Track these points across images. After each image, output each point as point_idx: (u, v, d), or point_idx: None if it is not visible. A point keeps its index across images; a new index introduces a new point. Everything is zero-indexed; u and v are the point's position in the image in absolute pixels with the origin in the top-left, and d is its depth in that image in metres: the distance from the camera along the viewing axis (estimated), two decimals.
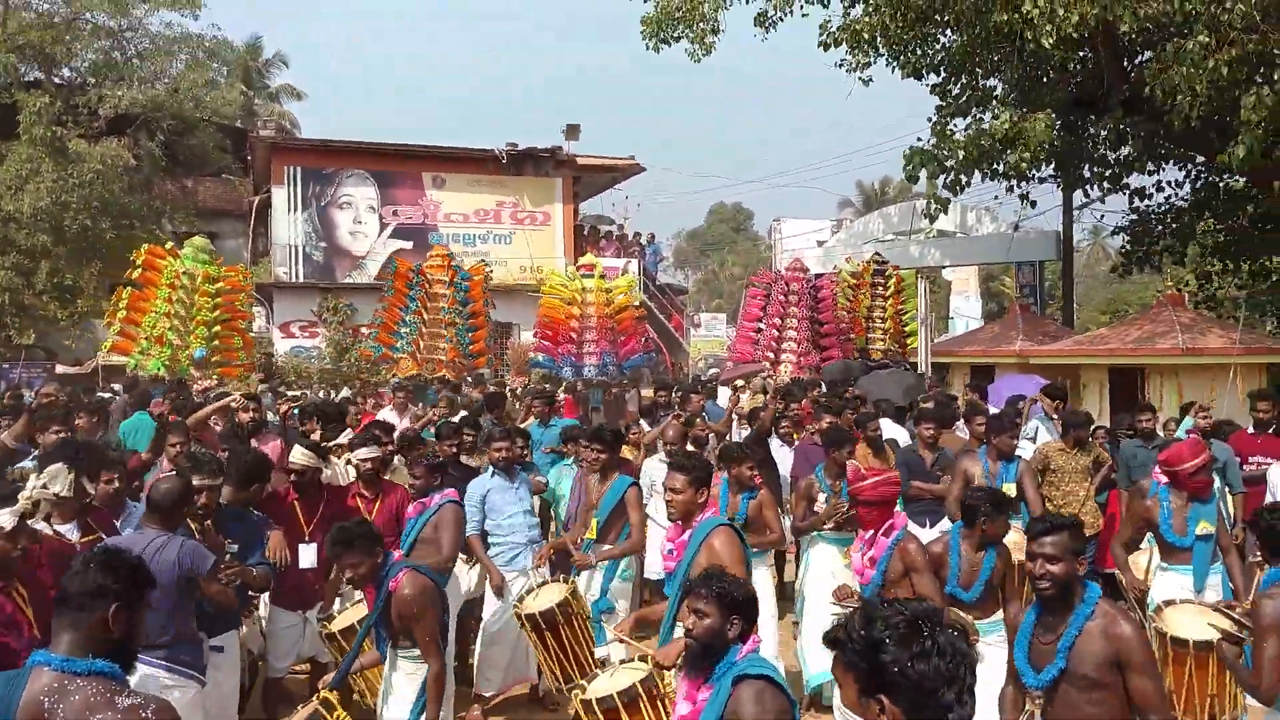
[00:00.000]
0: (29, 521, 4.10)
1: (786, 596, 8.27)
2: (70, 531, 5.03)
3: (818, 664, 6.49)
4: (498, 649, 6.36)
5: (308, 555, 5.73)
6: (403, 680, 4.40)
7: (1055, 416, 9.38)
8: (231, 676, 5.04)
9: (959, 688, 1.84)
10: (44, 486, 4.87)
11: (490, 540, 6.48)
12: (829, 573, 6.53)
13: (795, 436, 9.30)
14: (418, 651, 4.34)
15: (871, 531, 5.11)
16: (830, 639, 2.01)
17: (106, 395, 14.40)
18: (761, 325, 17.00)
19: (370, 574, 4.27)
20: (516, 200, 27.54)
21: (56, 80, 26.70)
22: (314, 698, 4.03)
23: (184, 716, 4.30)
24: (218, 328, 15.17)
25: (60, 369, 24.34)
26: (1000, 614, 4.99)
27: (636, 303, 17.89)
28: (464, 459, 7.32)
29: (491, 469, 6.56)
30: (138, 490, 6.00)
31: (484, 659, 6.39)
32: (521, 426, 8.56)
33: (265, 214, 27.51)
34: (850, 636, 1.95)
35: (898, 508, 5.56)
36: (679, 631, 4.54)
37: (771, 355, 16.56)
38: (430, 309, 16.47)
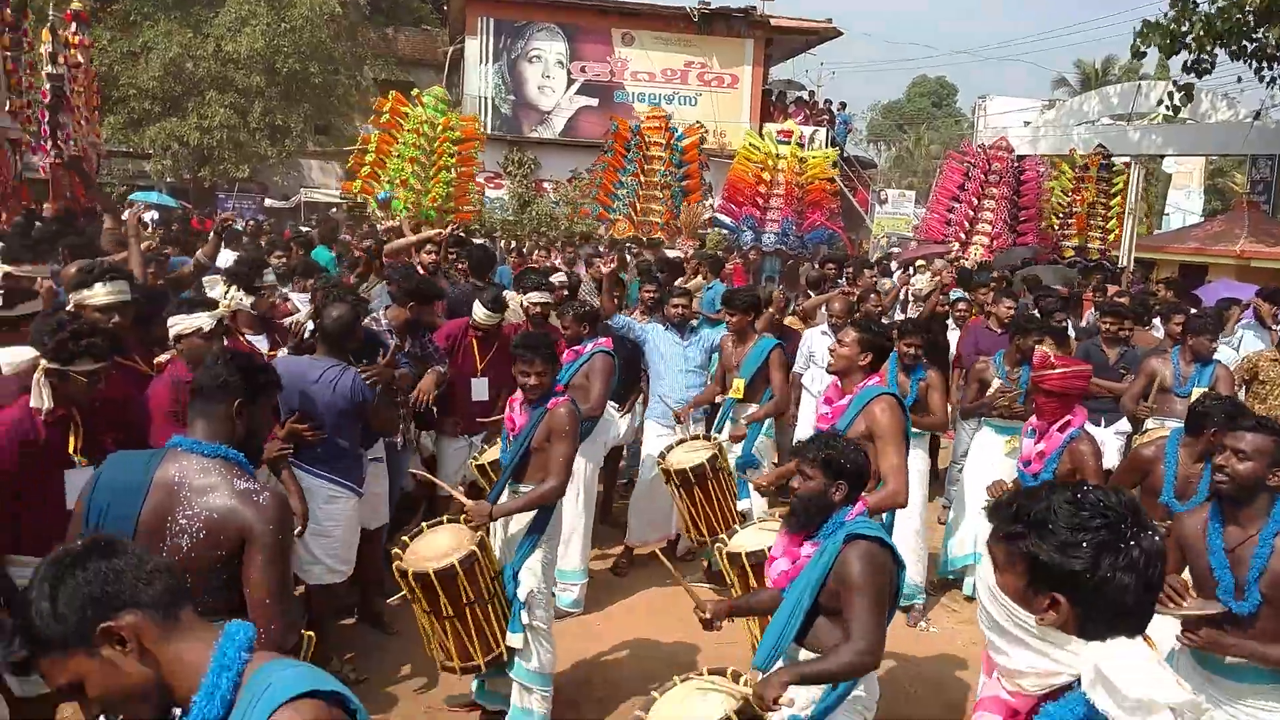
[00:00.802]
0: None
1: (935, 480, 8.04)
2: (260, 343, 5.44)
3: (961, 549, 6.37)
4: (645, 502, 6.52)
5: (480, 388, 5.97)
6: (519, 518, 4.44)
7: (1274, 326, 8.48)
8: (383, 482, 5.38)
9: (1151, 598, 1.61)
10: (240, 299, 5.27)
11: (652, 392, 6.55)
12: (989, 461, 6.30)
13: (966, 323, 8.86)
14: (534, 484, 4.39)
15: (1046, 423, 4.82)
16: (1009, 515, 1.71)
17: (305, 229, 15.33)
18: (957, 203, 16.11)
19: (543, 387, 4.34)
20: (705, 61, 26.84)
21: None
22: (472, 533, 4.20)
23: (344, 522, 4.71)
24: (453, 174, 15.75)
25: (269, 202, 26.06)
26: None
27: (832, 178, 17.35)
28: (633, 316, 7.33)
29: (666, 324, 6.59)
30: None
31: (633, 510, 6.56)
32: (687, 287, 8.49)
33: (458, 65, 27.97)
34: (1035, 520, 1.66)
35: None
36: None
37: (963, 235, 15.73)
38: (647, 171, 16.55)
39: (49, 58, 13.42)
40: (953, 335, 8.68)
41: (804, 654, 3.19)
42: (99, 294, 4.09)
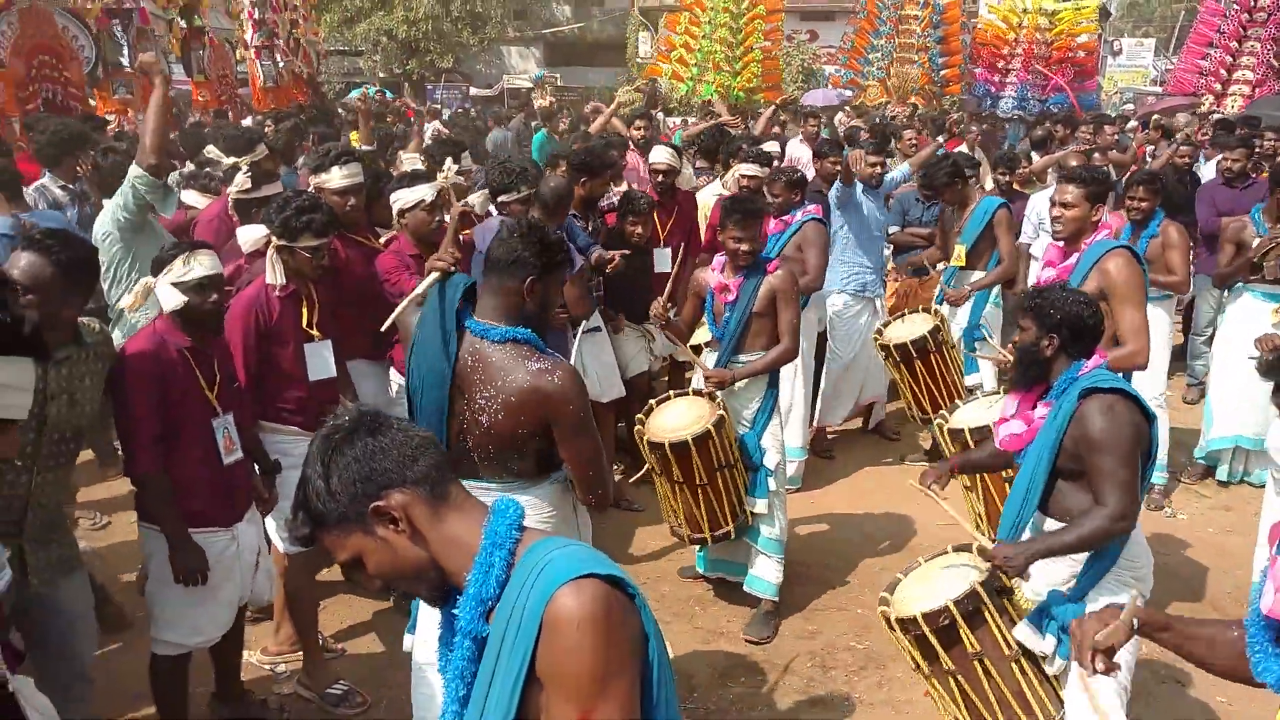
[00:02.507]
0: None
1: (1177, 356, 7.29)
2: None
3: (1224, 428, 5.79)
4: (839, 380, 6.25)
5: (662, 259, 5.82)
6: (749, 382, 4.35)
7: None
8: (608, 353, 5.44)
9: None
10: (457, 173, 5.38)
11: (836, 259, 6.15)
12: (1253, 332, 5.61)
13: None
14: (756, 353, 4.33)
15: None
16: None
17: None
18: (1212, 48, 14.31)
19: (756, 253, 4.26)
20: None
21: None
22: (712, 404, 4.18)
23: None
24: (759, 52, 15.54)
25: (474, 91, 26.66)
26: None
27: (1090, 34, 15.77)
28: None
29: (861, 185, 6.22)
30: None
31: (826, 387, 6.28)
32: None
33: None
34: None
35: None
36: None
37: (1219, 86, 13.99)
38: (903, 32, 15.70)
39: None
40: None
41: (1049, 523, 2.98)
42: (335, 177, 4.24)
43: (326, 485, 1.48)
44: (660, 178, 5.95)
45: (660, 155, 6.06)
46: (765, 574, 4.36)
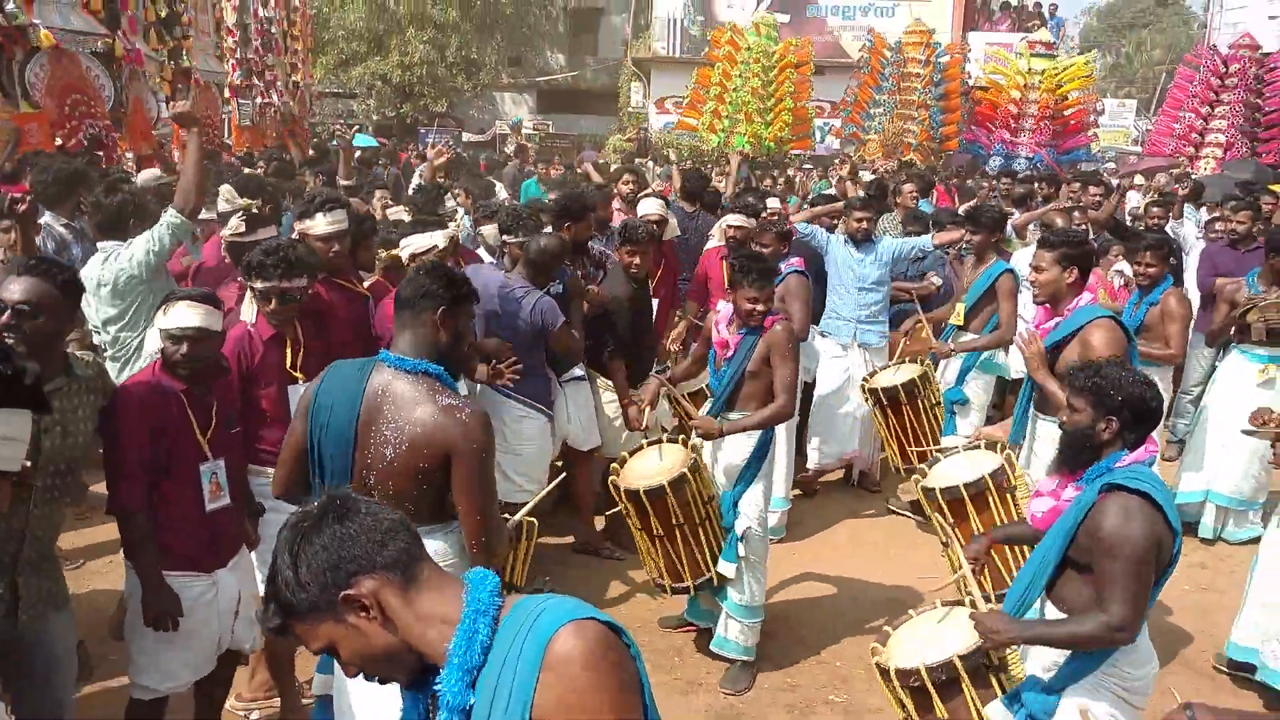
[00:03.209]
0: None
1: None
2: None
3: (1195, 481, 5.89)
4: (824, 426, 6.25)
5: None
6: (738, 439, 4.32)
7: None
8: (589, 401, 5.31)
9: None
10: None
11: (827, 308, 6.24)
12: (1238, 390, 5.67)
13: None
14: (747, 412, 4.29)
15: None
16: None
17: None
18: (1186, 112, 14.69)
19: (767, 312, 4.22)
20: None
21: None
22: (688, 454, 4.17)
23: (536, 439, 4.82)
24: (789, 101, 15.71)
25: (466, 136, 26.93)
26: None
27: (1088, 89, 16.14)
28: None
29: (845, 238, 6.30)
30: None
31: (812, 433, 6.30)
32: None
33: None
34: None
35: None
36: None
37: (1191, 149, 14.32)
38: (904, 89, 15.99)
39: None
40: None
41: (1050, 609, 2.89)
42: (320, 224, 4.26)
43: (295, 576, 1.47)
44: (652, 228, 6.03)
45: (650, 206, 6.15)
46: (733, 636, 4.31)
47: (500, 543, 2.72)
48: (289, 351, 3.72)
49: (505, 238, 5.03)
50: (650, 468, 4.17)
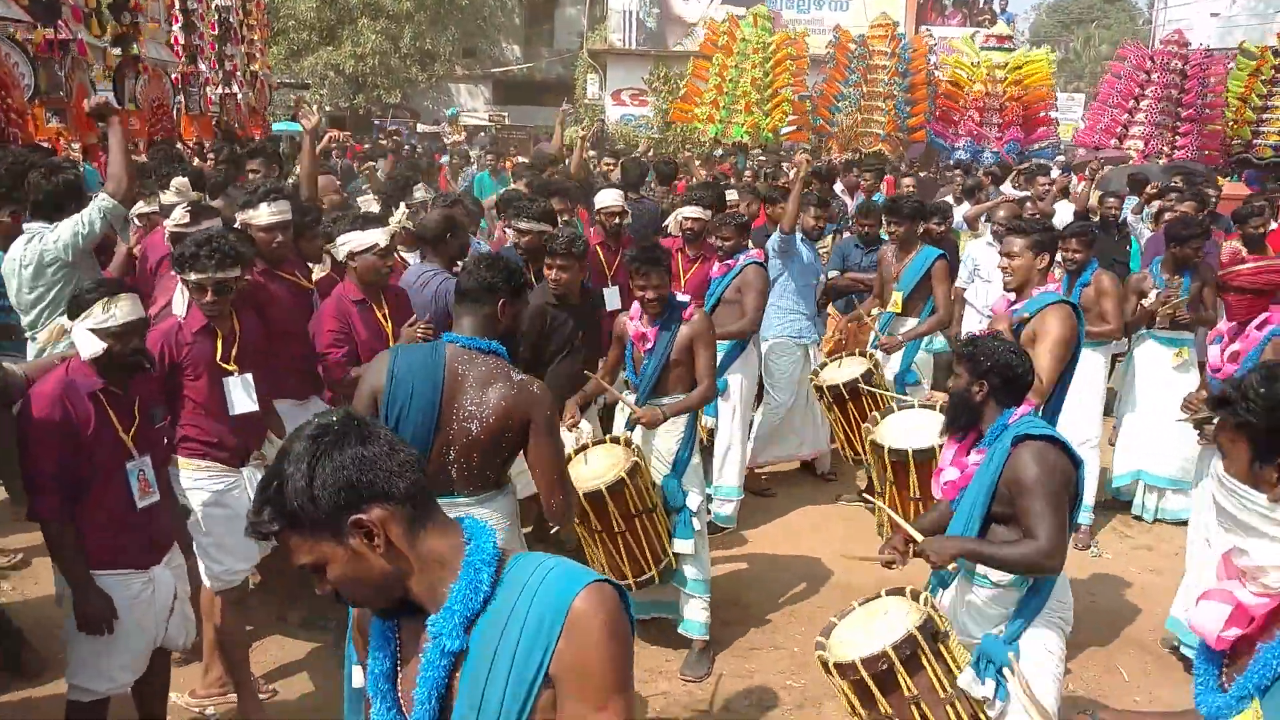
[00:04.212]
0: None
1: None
2: (413, 258, 5.56)
3: (1127, 463, 6.08)
4: (776, 421, 6.24)
5: (613, 297, 5.74)
6: (667, 426, 4.34)
7: None
8: None
9: None
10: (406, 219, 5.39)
11: (773, 304, 6.09)
12: (1154, 374, 5.91)
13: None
14: (677, 396, 4.34)
15: (1238, 323, 4.45)
16: (1218, 400, 1.85)
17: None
18: (1112, 106, 15.09)
19: (662, 300, 4.30)
20: None
21: None
22: (627, 450, 4.16)
23: None
24: (789, 92, 15.74)
25: (421, 127, 26.68)
26: None
27: (1044, 83, 16.43)
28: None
29: (801, 234, 6.30)
30: None
31: (761, 429, 6.24)
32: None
33: None
34: (1246, 395, 1.78)
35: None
36: None
37: (1115, 141, 14.67)
38: (870, 81, 16.12)
39: None
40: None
41: (979, 569, 3.06)
42: (263, 214, 4.18)
43: (309, 487, 1.43)
44: (615, 219, 6.00)
45: (609, 198, 6.11)
46: (695, 615, 4.36)
47: (571, 500, 3.03)
48: (220, 344, 3.64)
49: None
50: (590, 470, 4.13)
